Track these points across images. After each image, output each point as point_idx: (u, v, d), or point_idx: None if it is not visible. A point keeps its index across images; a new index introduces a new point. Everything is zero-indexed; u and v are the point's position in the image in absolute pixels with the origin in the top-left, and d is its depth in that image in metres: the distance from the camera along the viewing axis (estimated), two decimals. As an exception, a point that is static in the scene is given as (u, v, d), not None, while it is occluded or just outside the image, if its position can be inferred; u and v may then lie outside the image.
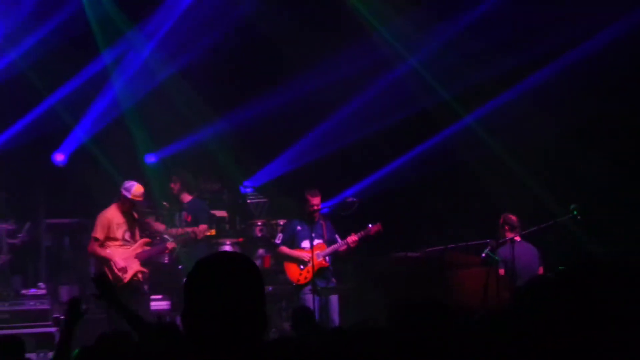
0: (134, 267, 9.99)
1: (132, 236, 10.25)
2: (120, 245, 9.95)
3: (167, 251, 10.80)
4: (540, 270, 9.86)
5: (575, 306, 2.36)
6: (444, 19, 11.62)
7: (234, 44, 11.94)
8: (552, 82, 11.31)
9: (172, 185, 11.20)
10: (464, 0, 11.87)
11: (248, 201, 12.11)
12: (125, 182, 10.22)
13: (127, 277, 9.96)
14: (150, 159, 12.57)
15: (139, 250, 10.15)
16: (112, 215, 10.01)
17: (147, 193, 10.72)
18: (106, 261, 9.85)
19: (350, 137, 11.95)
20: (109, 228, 10.02)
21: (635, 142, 11.01)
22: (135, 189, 9.97)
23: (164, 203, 11.61)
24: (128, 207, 9.99)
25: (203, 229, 10.68)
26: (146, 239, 10.43)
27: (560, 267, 8.77)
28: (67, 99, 11.88)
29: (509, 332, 2.98)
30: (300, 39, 12.05)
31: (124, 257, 9.99)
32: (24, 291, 11.05)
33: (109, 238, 9.98)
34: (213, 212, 11.67)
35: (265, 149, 12.60)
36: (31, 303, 10.68)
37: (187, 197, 11.18)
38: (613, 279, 2.37)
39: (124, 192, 9.91)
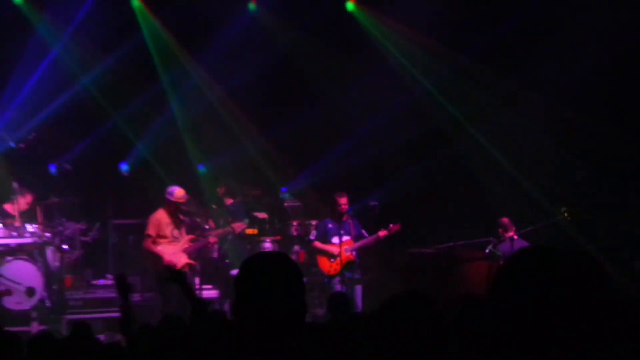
0: (182, 260, 11.06)
1: (179, 234, 11.35)
2: (169, 242, 11.03)
3: (209, 245, 11.96)
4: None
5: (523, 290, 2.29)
6: (454, 47, 12.73)
7: (273, 68, 12.98)
8: (546, 102, 12.38)
9: (218, 190, 12.40)
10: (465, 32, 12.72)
11: (285, 204, 13.09)
12: (169, 187, 11.41)
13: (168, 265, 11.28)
14: (201, 168, 13.45)
15: (186, 246, 11.24)
16: (161, 216, 11.08)
17: (198, 197, 12.25)
18: (157, 257, 10.92)
19: (373, 149, 12.89)
20: (158, 227, 11.10)
21: (615, 151, 12.07)
22: (177, 192, 11.12)
23: (213, 206, 12.58)
24: (173, 209, 11.10)
25: (238, 226, 11.69)
26: (191, 236, 11.48)
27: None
28: (131, 117, 12.98)
29: (486, 318, 3.27)
30: (331, 64, 13.27)
31: (172, 252, 11.07)
32: (94, 281, 12.33)
33: (159, 236, 11.06)
34: (255, 214, 12.58)
35: (300, 160, 13.57)
36: (100, 292, 11.98)
37: (229, 201, 12.34)
38: (557, 267, 2.28)
39: (168, 196, 11.05)
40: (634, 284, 10.58)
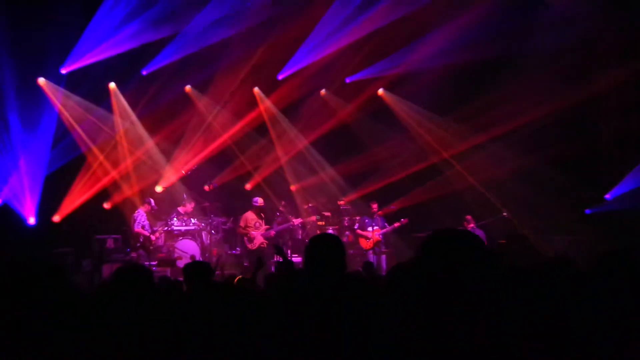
0: (259, 240, 15.06)
1: (260, 224, 15.31)
2: (253, 229, 15.15)
3: (293, 227, 15.95)
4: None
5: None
6: (445, 114, 17.02)
7: (338, 130, 17.55)
8: (499, 149, 16.19)
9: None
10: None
11: (341, 208, 17.05)
12: (254, 197, 15.47)
13: (255, 245, 15.17)
14: (293, 187, 17.90)
15: (262, 231, 15.19)
16: (249, 214, 15.23)
17: (292, 202, 16.65)
18: (249, 237, 15.01)
19: (395, 174, 17.02)
20: (246, 221, 15.18)
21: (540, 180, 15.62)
22: (259, 201, 15.33)
23: (304, 206, 16.87)
24: (257, 210, 15.24)
25: (313, 220, 16.14)
26: (266, 226, 15.34)
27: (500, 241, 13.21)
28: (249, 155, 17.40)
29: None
30: (371, 128, 17.57)
31: (254, 236, 15.12)
32: (229, 252, 16.09)
33: (247, 226, 15.19)
34: (324, 212, 16.66)
35: (352, 182, 17.71)
36: (231, 257, 15.70)
37: (306, 205, 16.89)
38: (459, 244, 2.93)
39: (254, 203, 15.31)
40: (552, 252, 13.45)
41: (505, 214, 15.66)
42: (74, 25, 14.95)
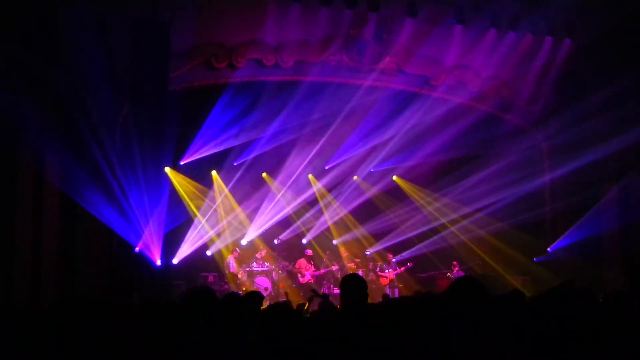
0: (307, 278, 19.66)
1: (308, 268, 19.97)
2: (305, 270, 19.79)
3: (331, 270, 20.11)
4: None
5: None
6: (439, 190, 22.28)
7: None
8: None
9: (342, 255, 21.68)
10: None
11: (367, 256, 21.41)
12: (306, 249, 20.29)
13: (305, 280, 19.69)
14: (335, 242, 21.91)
15: (311, 272, 19.73)
16: (301, 260, 20.00)
17: (335, 254, 21.20)
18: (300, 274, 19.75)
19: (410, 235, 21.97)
20: (300, 265, 19.94)
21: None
22: (307, 252, 20.13)
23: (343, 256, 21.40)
24: (307, 258, 20.02)
25: (336, 269, 20.30)
26: (313, 269, 19.68)
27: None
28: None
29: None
30: (390, 205, 22.34)
31: (304, 274, 19.64)
32: (293, 285, 20.25)
33: (300, 267, 19.95)
34: (355, 259, 20.87)
35: (374, 238, 22.04)
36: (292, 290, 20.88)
37: (345, 253, 21.52)
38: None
39: (305, 252, 20.14)
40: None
41: (478, 262, 20.80)
42: (184, 126, 17.87)
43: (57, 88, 14.39)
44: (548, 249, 20.45)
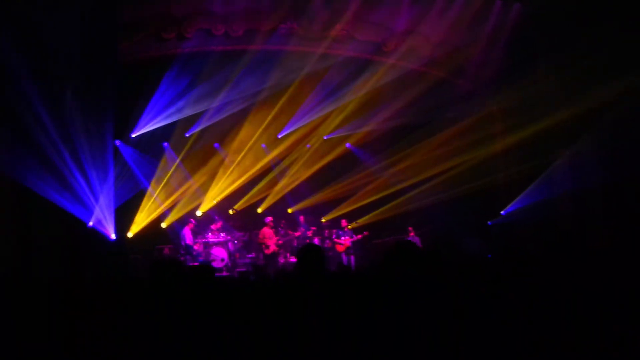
0: (272, 248, 19.15)
1: (272, 236, 19.30)
2: (269, 240, 19.11)
3: (292, 238, 20.31)
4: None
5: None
6: None
7: None
8: None
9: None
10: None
11: (322, 223, 21.69)
12: (266, 217, 19.58)
13: (270, 250, 19.19)
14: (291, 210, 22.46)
15: (274, 241, 19.28)
16: (265, 230, 19.40)
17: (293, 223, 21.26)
18: (265, 244, 18.94)
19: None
20: (264, 234, 19.28)
21: None
22: (269, 220, 19.51)
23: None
24: (270, 226, 19.37)
25: (300, 234, 20.73)
26: (276, 238, 19.24)
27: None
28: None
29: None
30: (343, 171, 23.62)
31: (269, 244, 19.11)
32: (247, 255, 21.25)
33: (265, 238, 19.21)
34: (312, 227, 21.18)
35: (331, 206, 22.31)
36: (247, 260, 20.53)
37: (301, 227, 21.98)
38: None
39: (267, 221, 19.58)
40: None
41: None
42: (132, 100, 17.74)
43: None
44: (502, 212, 20.57)
